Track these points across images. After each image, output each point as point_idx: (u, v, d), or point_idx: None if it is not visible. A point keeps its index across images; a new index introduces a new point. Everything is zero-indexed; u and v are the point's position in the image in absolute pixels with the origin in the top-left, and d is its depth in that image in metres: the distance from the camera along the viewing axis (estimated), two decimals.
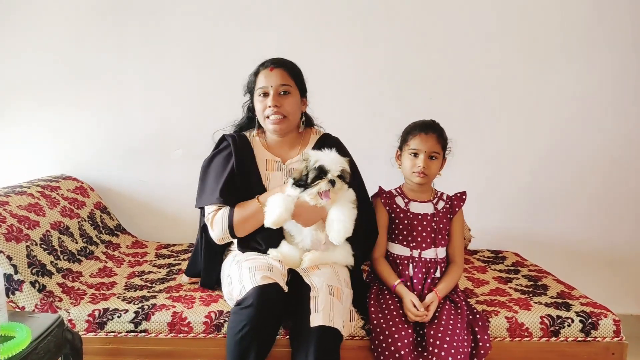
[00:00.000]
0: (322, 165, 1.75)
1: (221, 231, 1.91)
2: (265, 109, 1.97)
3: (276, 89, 1.95)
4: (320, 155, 1.78)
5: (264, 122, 2.01)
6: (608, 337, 1.94)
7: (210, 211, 1.94)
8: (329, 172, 1.75)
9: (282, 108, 1.95)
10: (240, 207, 1.90)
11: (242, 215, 1.88)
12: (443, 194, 2.08)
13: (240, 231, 1.90)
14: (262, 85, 1.97)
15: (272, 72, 1.97)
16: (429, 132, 1.98)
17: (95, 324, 1.86)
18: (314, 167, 1.75)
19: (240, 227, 1.89)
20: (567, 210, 3.03)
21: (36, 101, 2.89)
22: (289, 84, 1.98)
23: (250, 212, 1.88)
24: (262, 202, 1.86)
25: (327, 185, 1.75)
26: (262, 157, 2.05)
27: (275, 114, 1.95)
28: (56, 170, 2.91)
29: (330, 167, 1.75)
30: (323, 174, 1.75)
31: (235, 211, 1.89)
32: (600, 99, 2.94)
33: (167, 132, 2.93)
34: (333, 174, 1.75)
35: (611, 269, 3.06)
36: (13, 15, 2.82)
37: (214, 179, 1.98)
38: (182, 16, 2.85)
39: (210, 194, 1.96)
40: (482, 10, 2.87)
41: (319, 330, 1.63)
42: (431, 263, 1.98)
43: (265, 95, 1.97)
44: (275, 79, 1.96)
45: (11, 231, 1.97)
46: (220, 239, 1.94)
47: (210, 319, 1.87)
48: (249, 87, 2.06)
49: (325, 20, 2.86)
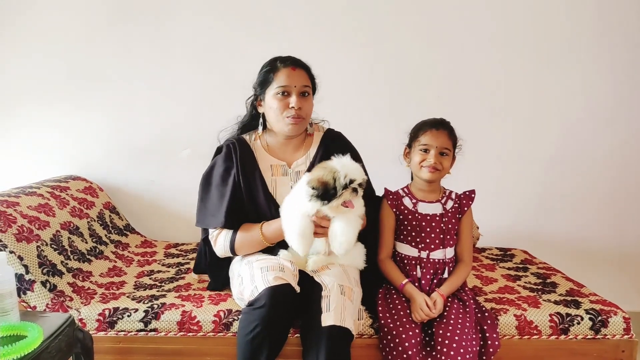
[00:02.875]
0: (352, 179, 1.73)
1: (223, 251, 1.97)
2: (285, 109, 1.92)
3: (299, 90, 1.93)
4: (345, 166, 1.75)
5: (281, 120, 1.94)
6: (618, 335, 1.93)
7: (214, 231, 1.97)
8: (355, 181, 1.74)
9: (303, 110, 1.93)
10: (243, 232, 1.92)
11: (243, 242, 1.92)
12: (452, 193, 2.06)
13: (242, 254, 1.96)
14: (283, 83, 1.91)
15: (295, 72, 1.93)
16: (440, 129, 1.96)
17: (106, 323, 1.88)
18: (345, 182, 1.72)
19: (242, 251, 1.95)
20: (576, 208, 3.01)
21: (46, 103, 2.91)
22: (309, 87, 1.97)
23: (251, 241, 1.92)
24: (264, 235, 1.88)
25: (351, 194, 1.74)
26: (266, 163, 2.03)
27: (298, 115, 1.92)
28: (65, 170, 2.93)
29: (356, 177, 1.75)
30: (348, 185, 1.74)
31: (238, 236, 1.92)
32: (608, 98, 2.92)
33: (175, 132, 2.94)
34: (356, 183, 1.74)
35: (621, 267, 3.04)
36: (23, 17, 2.84)
37: (216, 198, 1.97)
38: (188, 19, 2.85)
39: (212, 215, 1.96)
40: (490, 9, 2.86)
41: (330, 330, 1.63)
42: (439, 264, 1.97)
43: (285, 94, 1.92)
44: (299, 79, 1.93)
45: (22, 232, 1.99)
46: (222, 255, 1.99)
47: (220, 318, 1.88)
48: (263, 83, 1.97)
49: (332, 20, 2.86)
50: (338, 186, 1.72)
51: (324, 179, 1.74)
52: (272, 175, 2.01)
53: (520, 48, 2.89)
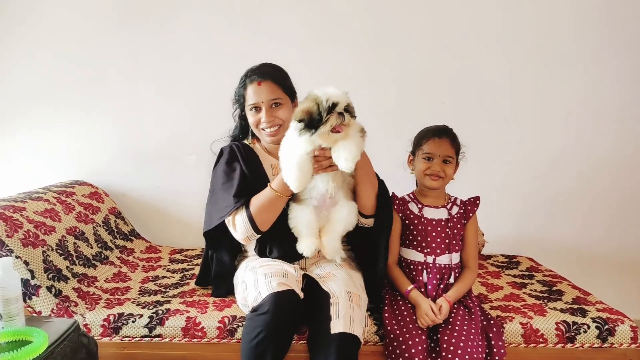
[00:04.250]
0: (335, 102, 1.69)
1: (244, 229, 1.87)
2: (259, 123, 1.98)
3: (267, 104, 1.95)
4: (327, 92, 1.72)
5: (259, 133, 2.02)
6: (625, 344, 1.91)
7: (229, 215, 1.90)
8: (337, 105, 1.70)
9: (276, 119, 1.96)
10: (255, 199, 1.87)
11: (260, 207, 1.85)
12: (457, 199, 2.07)
13: (262, 223, 1.86)
14: (252, 101, 1.96)
15: (260, 87, 1.95)
16: (443, 137, 1.97)
17: (110, 328, 1.88)
18: (327, 105, 1.69)
19: (260, 218, 1.85)
20: (582, 215, 3.00)
21: (51, 108, 2.93)
22: (279, 97, 1.97)
23: (265, 200, 1.84)
24: (274, 189, 1.82)
25: (337, 118, 1.69)
26: (267, 163, 2.05)
27: (271, 127, 1.96)
28: (71, 175, 2.95)
29: (339, 100, 1.70)
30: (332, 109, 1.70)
31: (252, 205, 1.86)
32: (611, 104, 2.91)
33: (181, 137, 2.95)
34: (340, 107, 1.70)
35: (627, 274, 3.03)
36: (29, 22, 2.86)
37: (223, 194, 1.95)
38: (195, 25, 2.87)
39: (221, 209, 1.92)
40: (494, 15, 2.87)
41: (340, 337, 1.63)
42: (445, 269, 1.97)
43: (257, 109, 1.97)
44: (266, 94, 1.95)
45: (28, 237, 1.99)
46: (245, 238, 1.90)
47: (224, 324, 1.88)
48: (239, 100, 2.05)
49: (337, 25, 2.87)
50: (322, 111, 1.69)
51: (308, 108, 1.72)
52: (273, 175, 2.02)
53: (524, 54, 2.89)
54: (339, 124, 1.69)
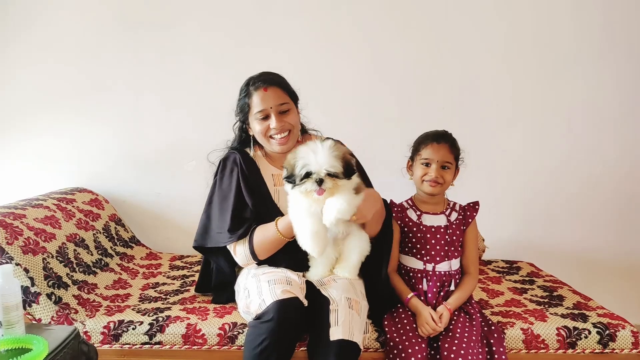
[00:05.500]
0: (308, 172, 1.69)
1: (245, 259, 1.93)
2: (267, 131, 1.95)
3: (277, 110, 1.93)
4: (308, 157, 1.70)
5: (267, 142, 1.98)
6: (626, 349, 1.91)
7: (230, 244, 1.94)
8: (311, 175, 1.69)
9: (286, 124, 1.95)
10: (259, 233, 1.89)
11: (262, 244, 1.88)
12: (456, 204, 2.06)
13: (263, 256, 1.91)
14: (260, 108, 1.93)
15: (267, 93, 1.93)
16: (441, 142, 1.96)
17: (111, 336, 1.88)
18: (300, 173, 1.70)
19: (262, 253, 1.90)
20: (583, 220, 3.00)
21: (53, 114, 2.94)
22: (286, 101, 1.96)
23: (270, 241, 1.88)
24: (280, 232, 1.84)
25: (313, 185, 1.69)
26: (267, 173, 2.03)
27: (281, 132, 1.94)
28: (71, 182, 2.95)
29: (316, 170, 1.68)
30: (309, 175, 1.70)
31: (255, 239, 1.89)
32: (613, 108, 2.92)
33: (181, 144, 2.96)
34: (320, 175, 1.68)
35: (628, 279, 3.02)
36: (31, 29, 2.88)
37: (218, 213, 1.96)
38: (196, 32, 2.89)
39: (216, 234, 1.95)
40: (495, 19, 2.88)
41: (339, 344, 1.62)
42: (446, 276, 1.96)
43: (264, 117, 1.94)
44: (274, 99, 1.93)
45: (28, 244, 1.99)
46: (245, 264, 1.96)
47: (225, 331, 1.88)
48: (243, 109, 2.01)
49: (338, 31, 2.89)
50: (296, 177, 1.71)
51: (289, 163, 1.73)
52: (274, 186, 2.01)
53: (525, 59, 2.90)
54: (317, 189, 1.69)
